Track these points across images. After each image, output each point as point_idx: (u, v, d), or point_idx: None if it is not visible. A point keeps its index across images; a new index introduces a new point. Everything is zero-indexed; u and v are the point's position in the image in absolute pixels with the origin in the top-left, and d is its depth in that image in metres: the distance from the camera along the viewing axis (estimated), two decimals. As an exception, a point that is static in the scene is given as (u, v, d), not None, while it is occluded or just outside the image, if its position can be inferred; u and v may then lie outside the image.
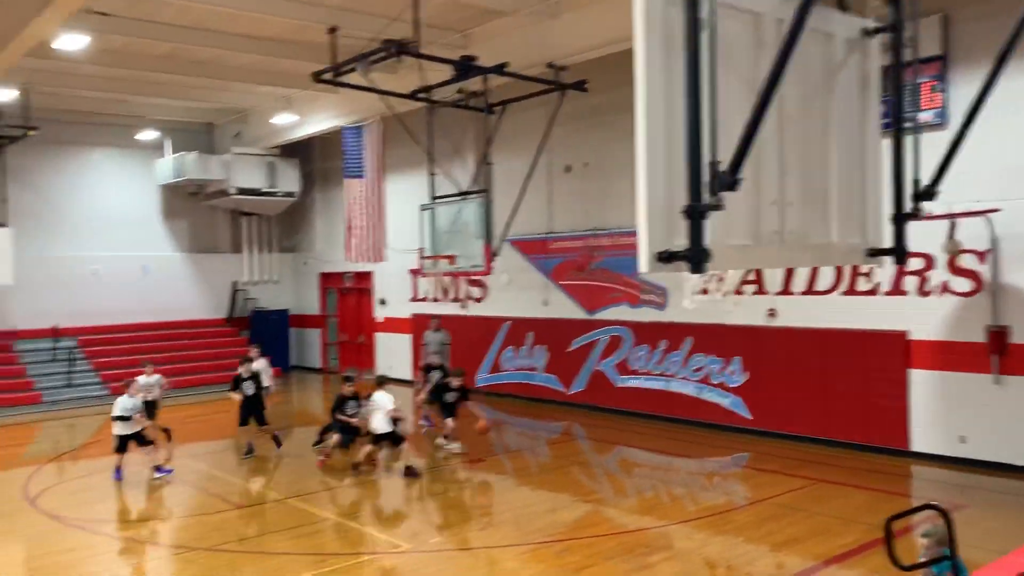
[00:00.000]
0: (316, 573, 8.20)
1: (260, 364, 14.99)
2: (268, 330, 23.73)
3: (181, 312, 23.09)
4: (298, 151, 22.86)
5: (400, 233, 18.36)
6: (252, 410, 13.31)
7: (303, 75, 14.06)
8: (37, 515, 10.54)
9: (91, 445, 13.53)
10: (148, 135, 22.30)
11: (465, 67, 12.90)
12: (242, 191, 21.89)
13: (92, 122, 21.40)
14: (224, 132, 23.17)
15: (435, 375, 14.84)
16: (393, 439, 11.82)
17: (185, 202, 23.35)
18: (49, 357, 20.24)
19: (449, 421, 13.36)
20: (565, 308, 16.94)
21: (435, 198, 14.98)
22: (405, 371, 20.10)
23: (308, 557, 8.68)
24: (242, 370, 13.43)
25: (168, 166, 22.25)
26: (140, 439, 11.85)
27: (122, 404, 11.72)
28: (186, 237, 23.70)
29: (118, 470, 11.80)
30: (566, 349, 16.88)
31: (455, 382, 13.41)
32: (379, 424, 11.68)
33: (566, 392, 16.95)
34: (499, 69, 13.12)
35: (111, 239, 22.18)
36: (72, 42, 13.52)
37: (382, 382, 12.27)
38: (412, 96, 14.01)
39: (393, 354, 21.26)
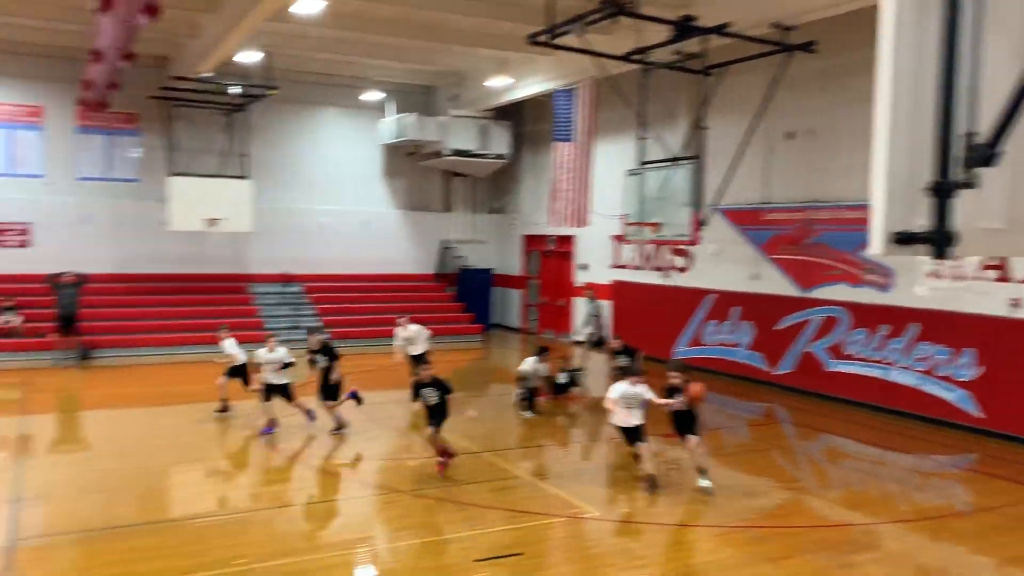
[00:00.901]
0: (508, 528, 8.37)
1: (414, 329, 15.21)
2: (472, 288, 24.52)
3: (394, 265, 24.36)
4: (510, 113, 23.21)
5: (605, 198, 18.18)
6: (323, 387, 12.31)
7: (519, 37, 14.10)
8: (258, 447, 11.55)
9: (309, 385, 14.52)
10: (372, 96, 23.48)
11: (684, 28, 12.39)
12: (456, 152, 22.61)
13: (324, 83, 22.84)
14: (442, 94, 23.92)
15: (620, 360, 14.00)
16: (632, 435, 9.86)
17: (403, 161, 24.46)
18: (278, 300, 22.08)
19: (691, 440, 9.80)
20: (776, 283, 16.12)
21: (644, 163, 14.63)
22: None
23: (501, 512, 8.87)
24: (311, 342, 12.48)
25: (390, 127, 23.36)
26: (286, 392, 12.24)
27: (263, 356, 12.21)
28: (403, 195, 24.87)
29: (268, 426, 12.03)
30: (774, 327, 16.09)
31: (676, 377, 9.76)
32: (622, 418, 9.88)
33: (771, 372, 16.20)
34: (720, 29, 12.49)
35: (336, 194, 23.73)
36: (309, 6, 14.34)
37: (627, 373, 10.60)
38: (627, 58, 13.68)
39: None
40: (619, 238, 19.55)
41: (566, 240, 22.43)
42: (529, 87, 19.81)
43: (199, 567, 7.20)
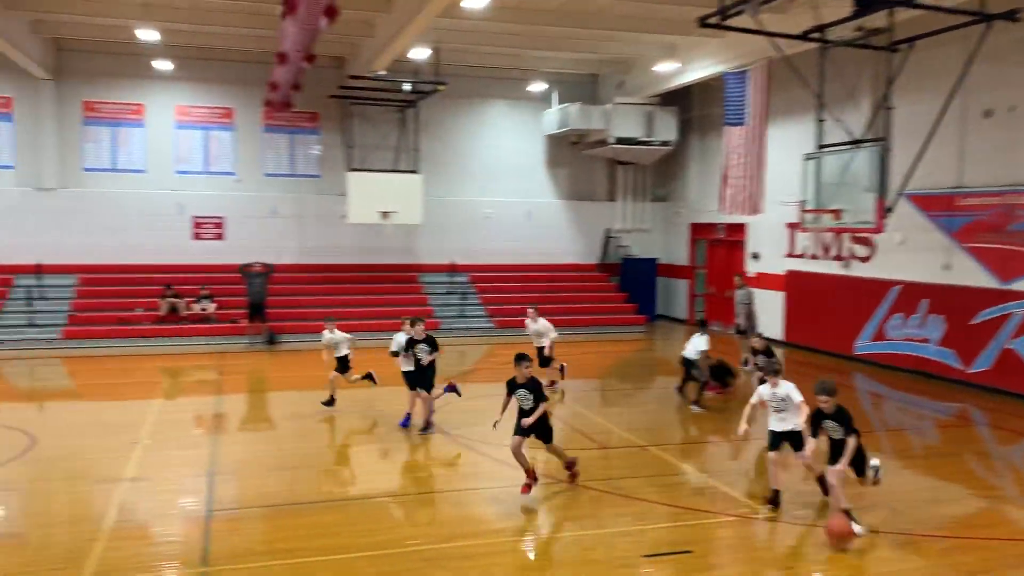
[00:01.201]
0: (675, 525, 8.16)
1: (541, 324, 14.59)
2: (636, 278, 24.23)
3: (557, 256, 24.47)
4: (676, 99, 22.67)
5: (779, 184, 17.36)
6: (420, 377, 11.64)
7: (688, 21, 13.74)
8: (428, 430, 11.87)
9: (478, 371, 14.88)
10: (537, 87, 23.63)
11: (867, 2, 11.58)
12: (620, 140, 22.36)
13: (489, 76, 23.23)
14: (607, 82, 23.72)
15: (758, 359, 12.60)
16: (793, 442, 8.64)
17: (567, 151, 24.50)
18: (446, 290, 22.73)
19: (836, 472, 7.90)
20: (971, 274, 14.83)
21: (822, 146, 13.86)
22: (775, 330, 19.29)
23: (667, 508, 8.66)
24: (413, 332, 11.64)
25: (554, 117, 23.44)
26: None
27: (397, 340, 11.99)
28: (566, 185, 24.91)
29: (406, 416, 11.86)
30: (969, 321, 14.81)
31: (825, 402, 7.90)
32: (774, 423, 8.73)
33: (965, 370, 14.94)
34: (909, 1, 11.58)
35: (501, 185, 24.12)
36: (477, 0, 14.56)
37: (767, 372, 8.86)
38: (804, 36, 12.98)
39: (763, 311, 20.41)
40: (795, 226, 18.64)
41: (737, 228, 21.66)
42: (698, 71, 19.25)
43: (374, 545, 7.48)
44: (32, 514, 8.59)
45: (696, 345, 13.26)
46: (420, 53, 19.23)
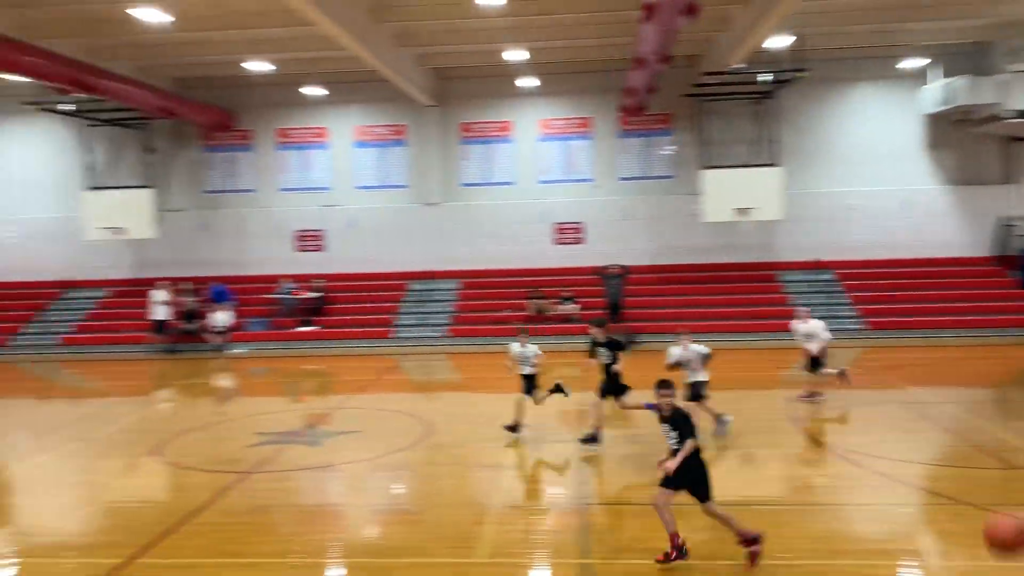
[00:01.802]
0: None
1: (813, 325, 13.03)
2: (1042, 271, 20.85)
3: (939, 248, 21.97)
4: (1094, 59, 19.13)
5: None
6: (608, 382, 11.14)
7: (1114, -40, 11.45)
8: (797, 436, 11.19)
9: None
10: (911, 63, 21.38)
11: None
12: (1020, 114, 19.41)
13: (854, 57, 21.56)
14: (998, 50, 20.72)
15: None
16: None
17: (950, 131, 21.88)
18: (808, 288, 21.42)
19: None
20: None
21: None
22: None
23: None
24: (594, 333, 11.28)
25: (934, 94, 21.07)
26: (700, 392, 11.07)
27: (675, 354, 11.25)
28: (948, 168, 22.23)
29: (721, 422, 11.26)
30: None
31: None
32: None
33: None
34: None
35: (868, 173, 22.24)
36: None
37: None
38: None
39: None
40: None
41: None
42: (1124, 22, 16.04)
43: (738, 554, 7.14)
44: (427, 495, 9.56)
45: None
46: (779, 41, 18.34)
